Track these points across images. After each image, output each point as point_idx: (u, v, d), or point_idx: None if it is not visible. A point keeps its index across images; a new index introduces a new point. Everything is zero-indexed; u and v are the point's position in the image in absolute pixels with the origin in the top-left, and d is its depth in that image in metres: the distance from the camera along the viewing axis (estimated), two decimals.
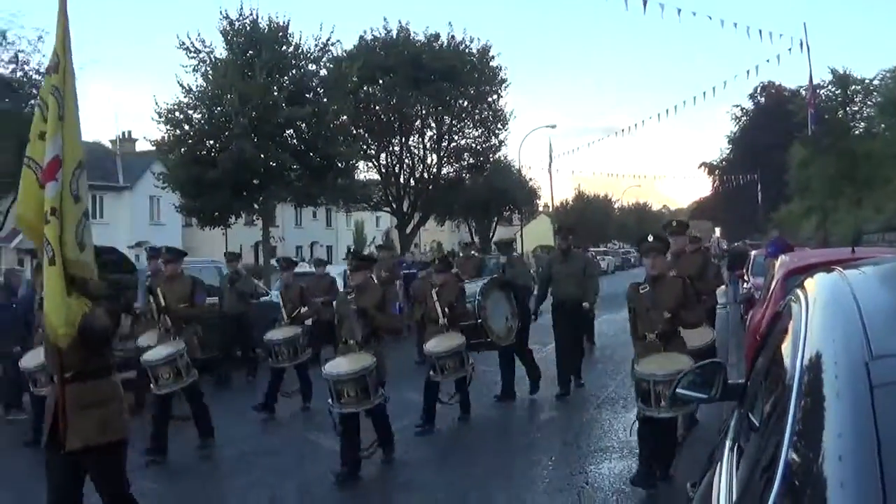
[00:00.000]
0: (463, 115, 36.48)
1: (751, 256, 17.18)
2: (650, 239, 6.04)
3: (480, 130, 37.30)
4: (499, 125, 37.23)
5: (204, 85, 24.15)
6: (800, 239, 24.52)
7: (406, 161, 36.91)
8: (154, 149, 26.21)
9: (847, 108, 35.67)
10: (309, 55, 25.59)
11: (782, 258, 8.53)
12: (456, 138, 37.26)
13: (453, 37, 35.29)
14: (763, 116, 52.07)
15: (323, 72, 26.46)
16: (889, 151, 23.49)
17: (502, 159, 40.35)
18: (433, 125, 36.76)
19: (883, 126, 28.13)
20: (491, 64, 36.04)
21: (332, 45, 26.85)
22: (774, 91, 52.28)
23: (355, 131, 31.24)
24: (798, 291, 2.41)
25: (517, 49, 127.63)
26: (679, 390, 3.01)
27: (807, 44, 23.02)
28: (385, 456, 7.02)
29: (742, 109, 56.34)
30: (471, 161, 37.90)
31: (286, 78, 24.66)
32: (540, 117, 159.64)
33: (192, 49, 24.33)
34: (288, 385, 9.57)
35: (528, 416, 9.08)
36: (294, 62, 25.14)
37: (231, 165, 22.61)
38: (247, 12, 24.70)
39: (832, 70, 35.07)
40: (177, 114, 23.95)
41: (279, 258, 13.35)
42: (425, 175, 37.15)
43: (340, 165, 26.06)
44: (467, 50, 35.40)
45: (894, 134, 25.23)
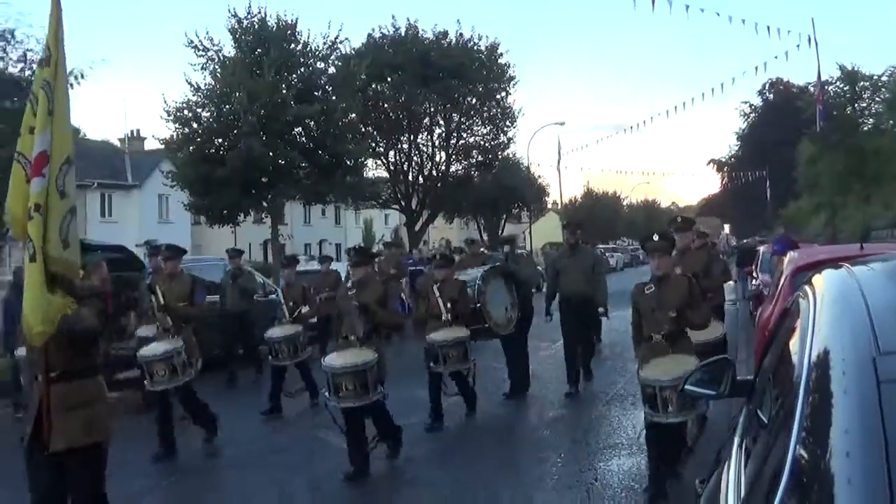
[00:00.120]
0: (471, 113, 36.44)
1: (759, 253, 17.11)
2: (655, 238, 5.96)
3: (489, 128, 37.26)
4: (507, 122, 37.21)
5: (212, 83, 24.14)
6: (808, 235, 24.47)
7: (415, 158, 36.88)
8: (163, 147, 26.26)
9: (855, 105, 35.58)
10: (317, 53, 25.56)
11: (791, 255, 8.50)
12: (464, 136, 37.21)
13: (462, 34, 35.35)
14: (772, 113, 52.02)
15: (331, 70, 26.44)
16: None
17: (511, 157, 40.43)
18: (442, 123, 36.73)
19: (891, 122, 28.04)
20: (499, 61, 35.99)
21: (341, 43, 26.86)
22: (783, 87, 52.22)
23: (364, 129, 31.27)
24: (806, 288, 2.41)
25: (525, 46, 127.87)
26: (688, 387, 3.01)
27: (815, 40, 22.89)
28: (391, 452, 7.03)
29: (751, 106, 56.34)
30: (479, 158, 37.88)
31: (295, 76, 24.61)
32: (548, 114, 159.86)
33: (201, 47, 24.34)
34: (290, 385, 9.58)
35: (537, 413, 9.03)
36: (302, 60, 25.08)
37: (239, 163, 22.60)
38: (255, 10, 24.71)
39: (840, 66, 35.09)
40: (185, 112, 23.95)
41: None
42: (434, 172, 37.12)
43: (349, 163, 25.99)
44: (476, 47, 35.37)
45: None
